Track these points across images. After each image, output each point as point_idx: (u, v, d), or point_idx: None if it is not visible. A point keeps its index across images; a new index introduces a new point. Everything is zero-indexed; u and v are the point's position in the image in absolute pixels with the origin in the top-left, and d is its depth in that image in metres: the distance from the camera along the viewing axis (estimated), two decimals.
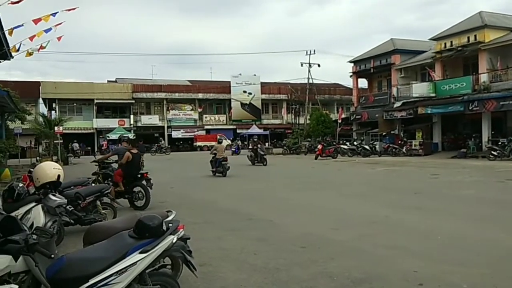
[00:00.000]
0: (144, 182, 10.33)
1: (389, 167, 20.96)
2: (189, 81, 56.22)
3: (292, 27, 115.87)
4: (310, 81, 44.41)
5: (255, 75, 55.58)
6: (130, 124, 49.11)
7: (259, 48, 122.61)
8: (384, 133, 33.63)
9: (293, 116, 50.88)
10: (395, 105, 32.57)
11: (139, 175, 10.42)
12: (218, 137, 26.82)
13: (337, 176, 17.94)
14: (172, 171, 21.02)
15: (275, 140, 50.45)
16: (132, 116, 49.81)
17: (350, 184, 14.62)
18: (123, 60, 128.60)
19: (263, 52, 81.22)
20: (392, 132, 33.23)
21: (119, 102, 49.00)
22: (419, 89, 29.99)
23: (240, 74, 54.78)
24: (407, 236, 6.94)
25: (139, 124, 49.96)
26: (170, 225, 3.80)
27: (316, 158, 27.91)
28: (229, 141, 49.26)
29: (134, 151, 10.67)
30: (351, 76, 40.28)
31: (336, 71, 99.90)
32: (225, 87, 53.54)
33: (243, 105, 53.78)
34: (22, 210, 5.86)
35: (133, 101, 49.78)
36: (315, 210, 9.77)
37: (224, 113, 55.05)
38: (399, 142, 30.84)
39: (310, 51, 43.16)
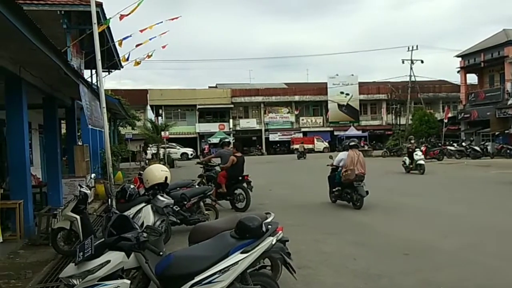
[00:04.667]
0: (245, 184, 10.56)
1: (503, 170, 18.92)
2: (285, 83, 56.74)
3: (392, 23, 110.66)
4: (412, 78, 41.94)
5: (352, 75, 54.10)
6: (230, 128, 51.04)
7: (356, 47, 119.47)
8: (496, 133, 31.25)
9: (393, 117, 48.34)
10: (509, 102, 30.18)
11: (240, 178, 10.67)
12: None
13: (443, 180, 16.59)
14: (270, 174, 21.27)
15: (374, 142, 48.44)
16: (231, 120, 51.75)
17: (458, 188, 13.46)
18: (223, 66, 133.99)
19: (360, 51, 79.49)
20: (506, 131, 30.55)
21: (219, 107, 51.25)
22: None
23: (337, 75, 53.75)
24: None
25: (237, 128, 51.70)
26: (270, 226, 3.84)
27: None
28: (326, 143, 48.63)
29: (238, 154, 10.97)
30: (458, 72, 37.41)
31: (441, 67, 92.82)
32: (321, 88, 52.97)
33: (340, 106, 52.66)
34: (133, 210, 6.29)
35: (232, 106, 51.70)
36: (419, 215, 9.16)
37: (320, 115, 54.47)
38: None
39: (412, 47, 40.84)
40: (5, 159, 10.77)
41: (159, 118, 48.35)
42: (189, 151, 42.23)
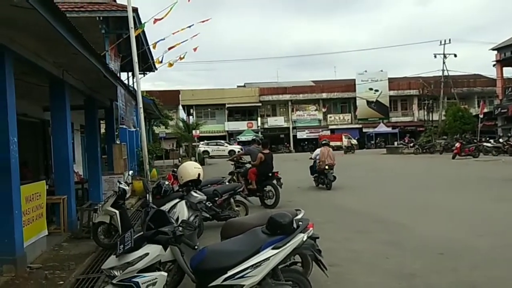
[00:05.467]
0: (274, 181, 10.68)
1: None
2: (312, 81, 56.37)
3: (423, 17, 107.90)
4: (445, 73, 40.78)
5: (381, 71, 53.09)
6: (258, 126, 51.29)
7: (385, 43, 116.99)
8: None
9: (425, 113, 47.15)
10: None
11: (270, 174, 10.82)
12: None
13: (479, 177, 16.08)
14: (298, 171, 21.28)
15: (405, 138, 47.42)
16: (259, 119, 52.01)
17: (495, 187, 13.03)
18: (251, 65, 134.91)
19: (390, 46, 77.33)
20: None
21: (248, 105, 51.57)
22: None
23: (366, 71, 52.90)
24: None
25: (265, 126, 51.86)
26: (300, 223, 3.85)
27: (453, 158, 25.55)
28: (355, 141, 48.03)
29: (266, 151, 11.18)
30: (494, 65, 35.96)
31: (475, 60, 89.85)
32: (349, 85, 52.30)
33: (369, 103, 51.84)
34: (168, 205, 6.53)
35: (260, 104, 51.92)
36: (454, 214, 8.96)
37: (349, 112, 53.81)
38: None
39: (445, 41, 39.78)
40: (50, 157, 11.37)
41: (190, 117, 49.23)
42: (236, 148, 41.80)
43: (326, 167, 13.20)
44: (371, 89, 51.68)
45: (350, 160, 28.79)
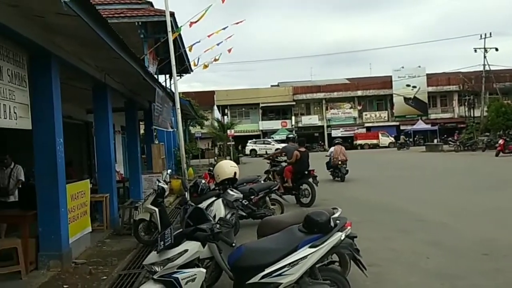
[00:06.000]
0: (310, 179, 10.63)
1: None
2: (347, 79, 55.54)
3: (461, 10, 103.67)
4: (486, 67, 39.10)
5: (419, 66, 51.61)
6: (292, 125, 51.14)
7: (422, 38, 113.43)
8: None
9: (466, 109, 45.40)
10: None
11: (306, 172, 10.77)
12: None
13: None
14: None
15: (445, 136, 45.86)
16: (293, 117, 51.84)
17: None
18: (284, 65, 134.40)
19: (427, 41, 74.93)
20: None
21: (282, 104, 51.52)
22: None
23: (403, 67, 51.59)
24: None
25: (300, 125, 51.63)
26: (338, 222, 3.82)
27: (497, 155, 24.47)
28: (392, 138, 46.95)
29: (302, 149, 11.13)
30: None
31: None
32: (385, 82, 51.15)
33: (406, 99, 50.49)
34: (205, 203, 6.58)
35: (294, 103, 51.73)
36: (498, 213, 8.59)
37: (385, 109, 52.62)
38: None
39: (485, 35, 38.23)
40: (93, 157, 11.83)
41: (225, 117, 49.71)
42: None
43: (339, 162, 15.34)
44: (408, 85, 50.30)
45: (389, 157, 28.19)
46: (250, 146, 39.02)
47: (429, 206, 9.79)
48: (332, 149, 16.31)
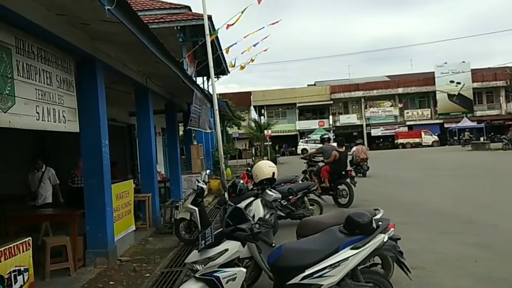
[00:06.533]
0: (348, 180, 10.49)
1: None
2: (387, 76, 54.21)
3: (507, 2, 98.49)
4: None
5: (463, 62, 49.50)
6: (329, 125, 50.46)
7: (465, 33, 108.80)
8: None
9: None
10: None
11: (343, 173, 10.64)
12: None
13: None
14: (374, 170, 20.65)
15: (492, 133, 43.78)
16: (330, 117, 51.14)
17: None
18: (321, 64, 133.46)
19: (471, 36, 71.53)
20: None
21: (319, 104, 50.96)
22: None
23: (446, 63, 49.67)
24: None
25: (337, 124, 50.86)
26: (380, 223, 3.73)
27: None
28: (435, 137, 45.37)
29: (341, 149, 11.01)
30: None
31: None
32: (428, 78, 49.42)
33: (450, 96, 48.58)
34: (243, 203, 6.66)
35: (331, 102, 51.03)
36: None
37: (428, 107, 50.87)
38: None
39: None
40: (136, 158, 12.22)
41: (262, 117, 49.93)
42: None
43: (361, 160, 17.46)
44: (452, 81, 48.39)
45: (433, 157, 27.29)
46: (301, 145, 38.40)
47: (476, 206, 9.39)
48: (354, 148, 18.03)
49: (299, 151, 35.96)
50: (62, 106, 5.18)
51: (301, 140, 39.50)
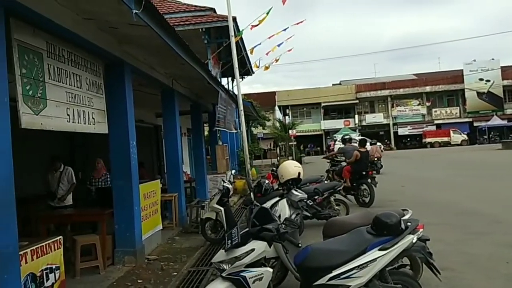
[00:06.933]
0: (369, 180, 10.43)
1: None
2: (414, 74, 53.19)
3: None
4: None
5: (492, 59, 47.97)
6: (355, 124, 49.91)
7: (495, 29, 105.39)
8: None
9: None
10: None
11: (364, 173, 10.60)
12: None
13: None
14: (401, 170, 20.31)
15: None
16: (356, 116, 50.56)
17: None
18: (346, 63, 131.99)
19: (502, 32, 69.48)
20: None
21: (344, 103, 50.46)
22: None
23: (474, 61, 48.29)
24: None
25: (363, 123, 50.28)
26: (409, 224, 3.68)
27: None
28: (464, 136, 44.16)
29: (363, 149, 11.00)
30: None
31: None
32: (456, 76, 48.21)
33: (479, 94, 47.20)
34: (269, 203, 6.62)
35: (357, 101, 50.43)
36: None
37: (456, 105, 49.59)
38: None
39: None
40: (162, 158, 12.39)
41: (286, 117, 49.83)
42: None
43: (375, 159, 18.55)
44: (481, 79, 47.02)
45: (462, 156, 26.58)
46: (338, 144, 37.59)
47: (505, 207, 9.09)
48: (369, 148, 18.02)
49: (336, 150, 35.35)
50: (92, 108, 5.31)
51: (338, 139, 38.80)
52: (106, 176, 7.93)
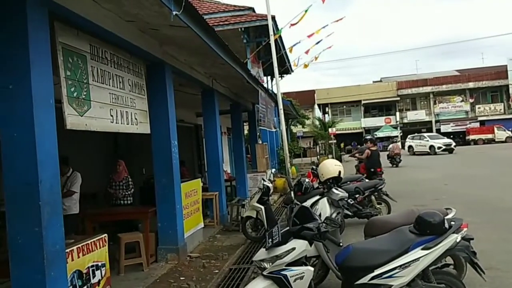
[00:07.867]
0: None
1: None
2: (457, 70, 51.15)
3: None
4: None
5: None
6: (396, 121, 48.62)
7: None
8: None
9: None
10: None
11: (372, 170, 10.85)
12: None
13: None
14: (445, 168, 19.57)
15: None
16: (397, 113, 49.22)
17: None
18: (387, 59, 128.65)
19: None
20: None
21: (385, 100, 49.23)
22: None
23: None
24: None
25: (405, 121, 48.88)
26: (453, 223, 3.62)
27: None
28: (509, 133, 41.81)
29: (374, 148, 11.45)
30: None
31: None
32: (500, 72, 45.87)
33: None
34: (309, 202, 6.60)
35: (398, 98, 49.08)
36: None
37: (501, 101, 47.21)
38: None
39: None
40: (203, 157, 12.57)
41: (326, 115, 49.27)
42: (437, 143, 32.14)
43: (395, 154, 22.24)
44: None
45: (506, 153, 25.25)
46: (408, 142, 36.19)
47: None
48: (391, 145, 23.84)
49: (406, 148, 34.42)
50: (134, 109, 5.44)
51: (408, 137, 37.84)
52: (127, 180, 7.22)
